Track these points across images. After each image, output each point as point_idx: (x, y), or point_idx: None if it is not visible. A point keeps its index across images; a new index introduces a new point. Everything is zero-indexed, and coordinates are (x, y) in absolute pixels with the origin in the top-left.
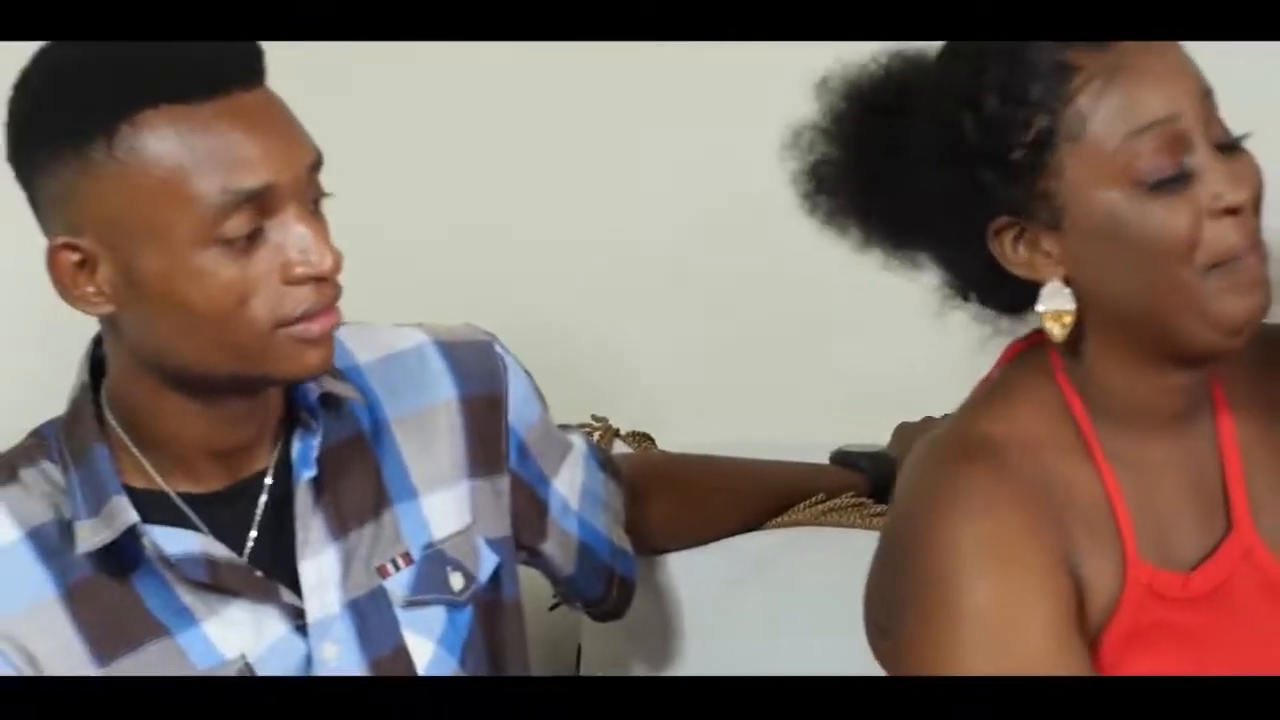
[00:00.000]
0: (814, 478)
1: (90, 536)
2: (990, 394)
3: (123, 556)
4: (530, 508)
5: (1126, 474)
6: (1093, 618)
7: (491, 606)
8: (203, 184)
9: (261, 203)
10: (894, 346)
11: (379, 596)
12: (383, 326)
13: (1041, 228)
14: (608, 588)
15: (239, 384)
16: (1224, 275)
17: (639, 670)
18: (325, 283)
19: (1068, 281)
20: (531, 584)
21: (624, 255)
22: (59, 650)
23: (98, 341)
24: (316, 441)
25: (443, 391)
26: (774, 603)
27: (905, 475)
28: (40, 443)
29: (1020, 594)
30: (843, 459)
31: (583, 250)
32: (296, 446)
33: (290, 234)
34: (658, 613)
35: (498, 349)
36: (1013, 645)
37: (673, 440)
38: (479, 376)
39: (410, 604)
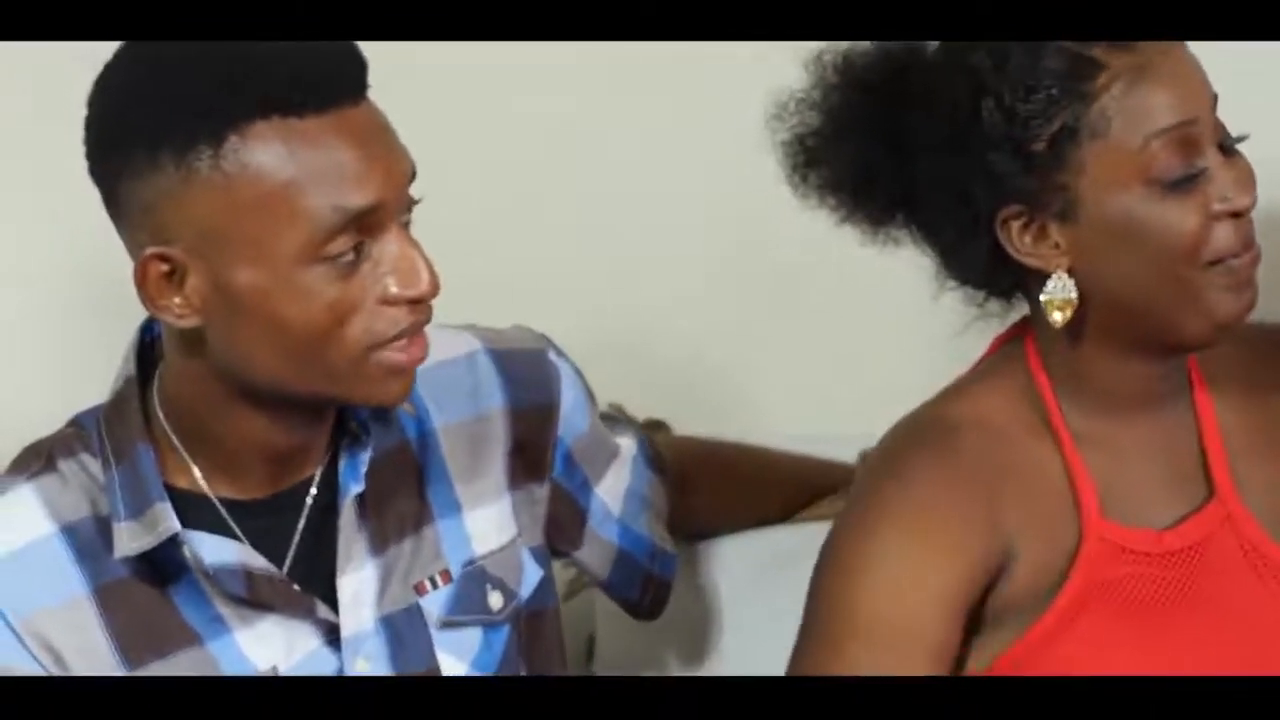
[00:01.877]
0: (844, 473)
1: (129, 541)
2: (961, 380)
3: (160, 562)
4: (570, 516)
5: (1094, 451)
6: (1046, 578)
7: (530, 619)
8: (311, 201)
9: (367, 221)
10: (918, 340)
11: (414, 614)
12: (434, 329)
13: (1052, 219)
14: (644, 591)
15: (321, 404)
16: (1221, 274)
17: (653, 661)
18: (420, 304)
19: (1070, 272)
20: None
21: (648, 245)
22: (86, 651)
23: (144, 330)
24: (366, 456)
25: (493, 401)
26: (796, 598)
27: (870, 452)
28: (79, 433)
29: (921, 560)
30: None
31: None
32: (345, 459)
33: (391, 254)
34: (676, 605)
35: (551, 356)
36: (900, 601)
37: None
38: (531, 387)
39: (446, 625)
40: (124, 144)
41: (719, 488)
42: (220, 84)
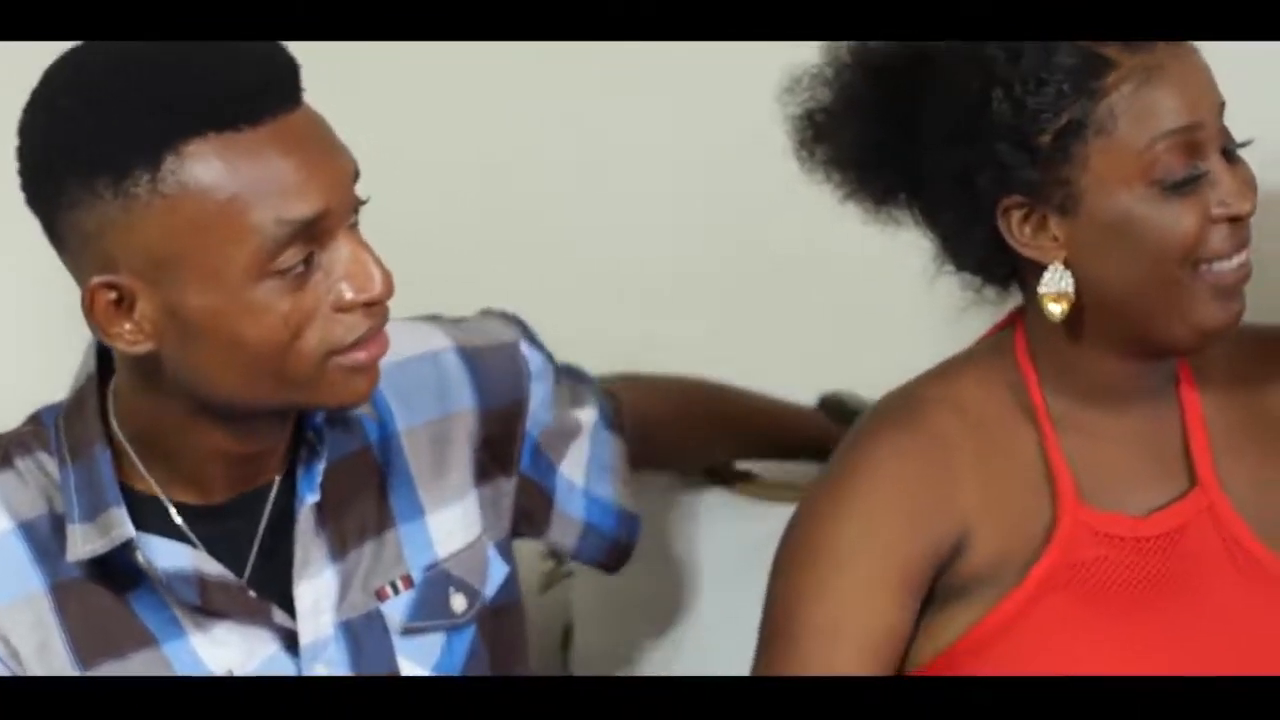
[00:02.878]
0: (805, 420)
1: (82, 544)
2: (946, 362)
3: (114, 565)
4: (537, 503)
5: (1073, 437)
6: (1015, 556)
7: (495, 615)
8: (255, 216)
9: (314, 230)
10: (915, 333)
11: (374, 620)
12: (402, 324)
13: (1053, 212)
14: (609, 554)
15: (284, 412)
16: (1210, 278)
17: (631, 652)
18: (376, 306)
19: (1066, 265)
20: (520, 563)
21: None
22: (41, 649)
23: None
24: (321, 466)
25: (461, 402)
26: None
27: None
28: (39, 431)
29: (874, 542)
30: (835, 409)
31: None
32: (302, 468)
33: (342, 259)
34: (654, 595)
35: (523, 348)
36: (850, 585)
37: None
38: (500, 386)
39: (408, 631)
40: (57, 174)
41: (684, 425)
42: (152, 105)
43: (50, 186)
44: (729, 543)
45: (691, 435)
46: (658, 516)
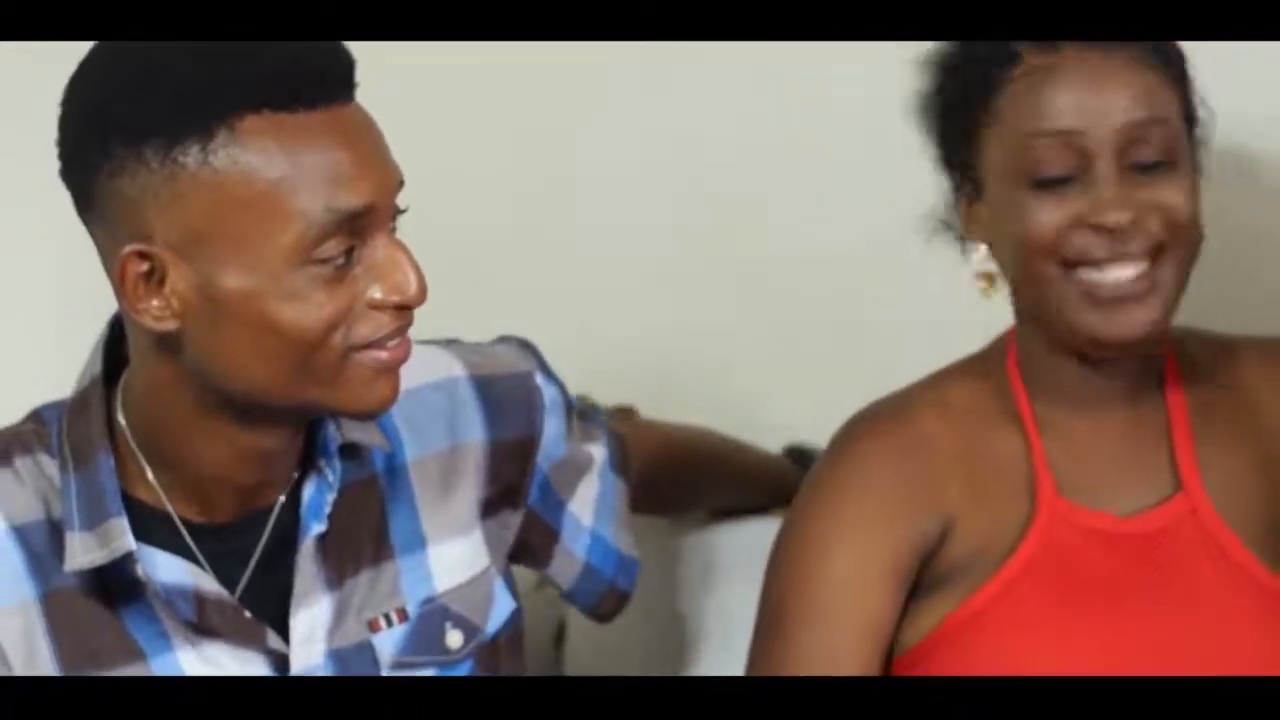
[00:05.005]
0: (778, 469)
1: (82, 554)
2: (940, 370)
3: (111, 577)
4: (541, 538)
5: (1057, 439)
6: (994, 546)
7: (494, 650)
8: (304, 200)
9: (358, 224)
10: (899, 337)
11: (365, 651)
12: (418, 348)
13: (970, 196)
14: (602, 601)
15: (300, 414)
16: (1084, 287)
17: (624, 650)
18: (404, 309)
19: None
20: None
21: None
22: (27, 656)
23: (113, 325)
24: (331, 497)
25: (470, 433)
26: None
27: None
28: (39, 429)
29: (861, 535)
30: (801, 459)
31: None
32: (309, 492)
33: (381, 259)
34: (648, 595)
35: (537, 380)
36: (839, 576)
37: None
38: (513, 419)
39: (398, 665)
40: (104, 138)
41: (681, 476)
42: (209, 77)
43: (95, 151)
44: (723, 543)
45: (690, 483)
46: (647, 521)
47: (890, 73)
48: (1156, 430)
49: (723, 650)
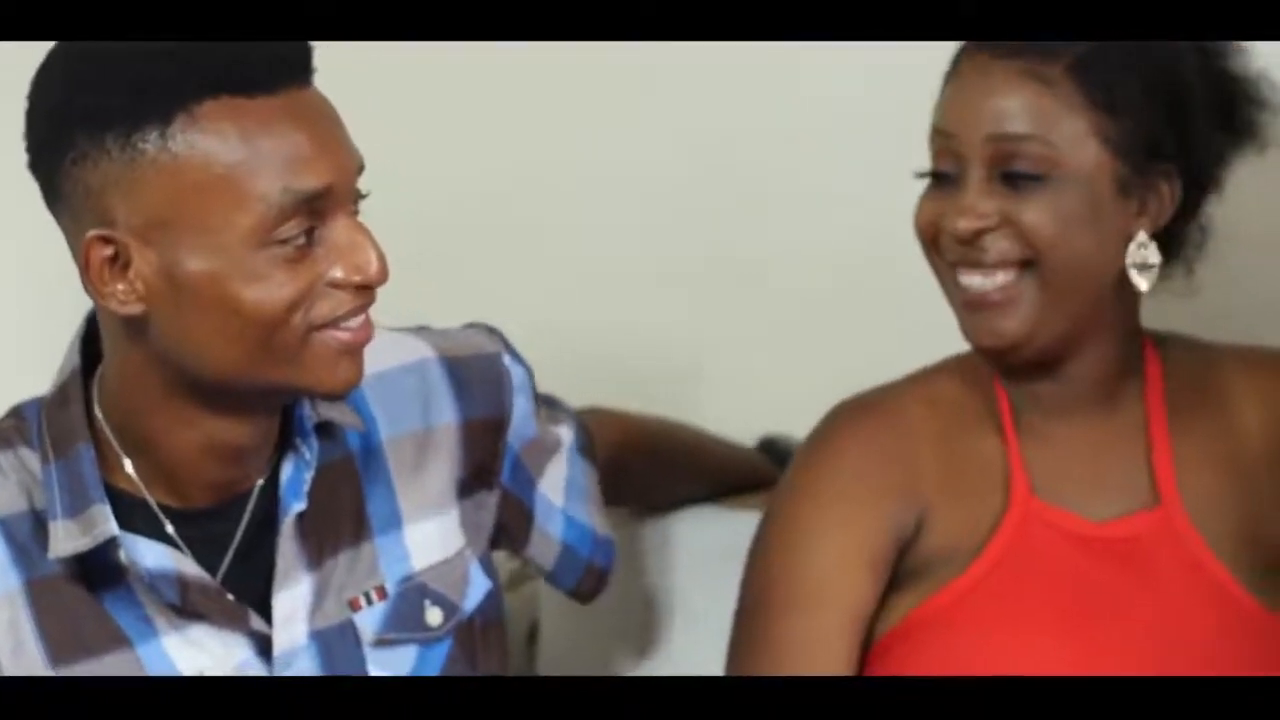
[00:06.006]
0: (750, 461)
1: (65, 542)
2: (929, 366)
3: (95, 563)
4: (517, 519)
5: (1036, 442)
6: (967, 541)
7: (475, 630)
8: (262, 183)
9: (318, 205)
10: (885, 333)
11: (347, 631)
12: (383, 333)
13: None
14: (581, 579)
15: (265, 394)
16: (961, 288)
17: (597, 650)
18: (366, 289)
19: None
20: None
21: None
22: (14, 647)
23: (90, 321)
24: (309, 475)
25: (443, 414)
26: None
27: None
28: (20, 425)
29: (840, 523)
30: (775, 451)
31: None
32: (287, 473)
33: (341, 239)
34: (622, 593)
35: (505, 361)
36: (819, 564)
37: None
38: (483, 399)
39: (380, 643)
40: (68, 129)
41: (645, 464)
42: (168, 64)
43: (58, 141)
44: (697, 542)
45: (654, 472)
46: (621, 517)
47: (867, 72)
48: (1136, 438)
49: (695, 648)
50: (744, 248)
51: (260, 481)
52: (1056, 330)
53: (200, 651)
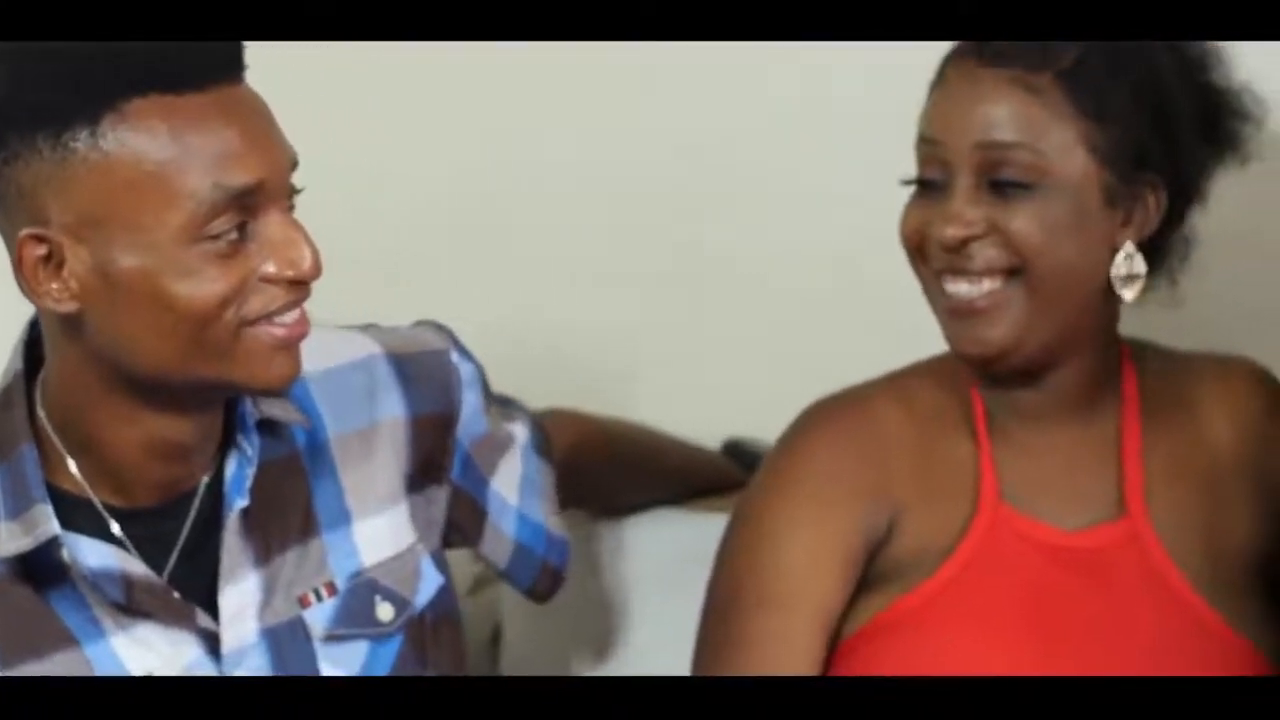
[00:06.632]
0: (711, 464)
1: (7, 542)
2: (905, 367)
3: (38, 563)
4: (469, 515)
5: (1008, 447)
6: (935, 545)
7: (428, 626)
8: (192, 180)
9: (249, 201)
10: (841, 335)
11: (297, 627)
12: (331, 330)
13: None
14: (537, 578)
15: (202, 390)
16: (947, 295)
17: (560, 653)
18: (299, 284)
19: None
20: (451, 564)
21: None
22: None
23: (34, 325)
24: (252, 471)
25: (390, 410)
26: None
27: None
28: None
29: (810, 524)
30: (738, 454)
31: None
32: (231, 469)
33: (274, 235)
34: (584, 596)
35: (453, 357)
36: (788, 564)
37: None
38: (430, 394)
39: (330, 638)
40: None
41: (603, 465)
42: (97, 63)
43: None
44: (659, 545)
45: (614, 473)
46: (584, 520)
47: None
48: (1107, 449)
49: (658, 650)
50: (711, 248)
51: (205, 479)
52: (1042, 339)
53: (148, 651)
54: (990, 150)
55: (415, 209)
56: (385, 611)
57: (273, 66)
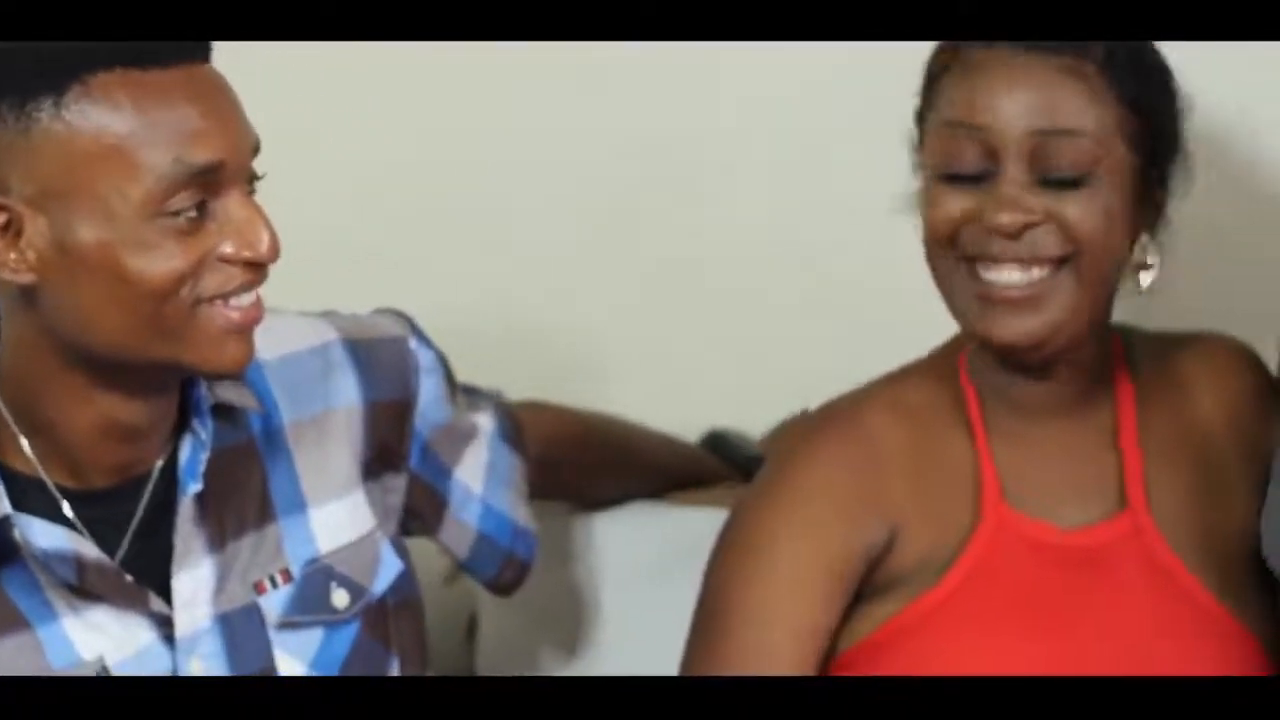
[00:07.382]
0: (712, 466)
1: None
2: (900, 368)
3: None
4: (429, 504)
5: (1006, 446)
6: (938, 553)
7: (388, 614)
8: (153, 154)
9: (210, 180)
10: (812, 334)
11: (252, 613)
12: (289, 316)
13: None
14: (502, 570)
15: (156, 371)
16: (982, 284)
17: (535, 643)
18: (256, 266)
19: None
20: (424, 555)
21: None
22: None
23: None
24: (205, 455)
25: (346, 396)
26: (676, 586)
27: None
28: None
29: (802, 541)
30: (719, 446)
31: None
32: (185, 453)
33: (234, 215)
34: (560, 588)
35: (412, 345)
36: (765, 568)
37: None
38: (387, 381)
39: (285, 625)
40: None
41: (581, 457)
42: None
43: None
44: (637, 538)
45: (591, 466)
46: (562, 512)
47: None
48: (1105, 442)
49: (636, 643)
50: (686, 241)
51: (160, 463)
52: (1077, 328)
53: (101, 634)
54: (1046, 137)
55: (388, 202)
56: (340, 599)
57: (243, 56)
